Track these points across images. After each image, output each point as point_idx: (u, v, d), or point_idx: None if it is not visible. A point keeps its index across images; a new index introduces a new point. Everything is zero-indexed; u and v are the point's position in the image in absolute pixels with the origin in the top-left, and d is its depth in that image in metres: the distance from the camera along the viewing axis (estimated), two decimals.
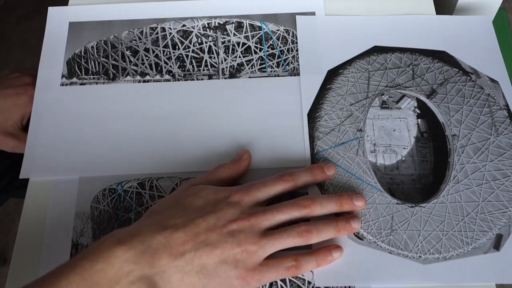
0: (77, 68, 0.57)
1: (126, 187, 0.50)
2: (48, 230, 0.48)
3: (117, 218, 0.49)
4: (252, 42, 0.58)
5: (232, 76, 0.56)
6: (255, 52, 0.57)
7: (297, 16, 0.59)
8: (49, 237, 0.48)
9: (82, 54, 0.58)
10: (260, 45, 0.58)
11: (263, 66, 0.56)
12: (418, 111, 0.54)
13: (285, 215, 0.45)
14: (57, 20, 0.60)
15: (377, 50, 0.57)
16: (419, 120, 0.54)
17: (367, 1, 0.61)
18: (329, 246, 0.46)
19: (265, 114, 0.54)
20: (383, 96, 0.55)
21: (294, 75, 0.56)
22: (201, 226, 0.42)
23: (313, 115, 0.53)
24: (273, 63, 0.57)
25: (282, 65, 0.57)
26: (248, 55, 0.57)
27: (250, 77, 0.56)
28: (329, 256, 0.45)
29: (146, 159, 0.51)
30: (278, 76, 0.56)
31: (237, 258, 0.42)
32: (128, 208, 0.49)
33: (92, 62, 0.57)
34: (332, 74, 0.55)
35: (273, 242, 0.43)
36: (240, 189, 0.46)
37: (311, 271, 0.46)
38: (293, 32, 0.58)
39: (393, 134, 0.53)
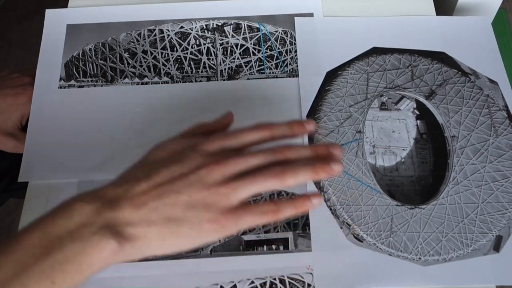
0: (75, 71, 0.57)
1: None
2: None
3: None
4: (251, 44, 0.58)
5: (230, 77, 0.56)
6: (254, 54, 0.57)
7: (295, 18, 0.59)
8: None
9: (80, 56, 0.58)
10: (259, 46, 0.58)
11: (262, 67, 0.56)
12: (417, 112, 0.54)
13: (259, 158, 0.41)
14: (55, 22, 0.60)
15: (376, 51, 0.56)
16: (418, 121, 0.54)
17: (367, 1, 0.60)
18: (308, 194, 0.42)
19: (264, 116, 0.53)
20: (382, 98, 0.55)
21: (293, 76, 0.56)
22: (164, 175, 0.40)
23: (312, 117, 0.53)
24: (271, 65, 0.57)
25: (281, 66, 0.56)
26: (246, 56, 0.57)
27: (248, 78, 0.56)
28: (308, 202, 0.42)
29: None
30: (276, 77, 0.56)
31: (207, 202, 0.39)
32: None
33: (90, 64, 0.57)
34: (331, 76, 0.55)
35: (246, 184, 0.40)
36: (210, 136, 0.43)
37: (311, 273, 0.46)
38: (291, 34, 0.58)
39: (392, 136, 0.53)
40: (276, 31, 0.59)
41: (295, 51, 0.57)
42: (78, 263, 0.37)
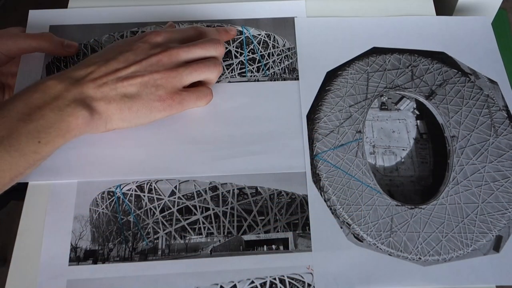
0: (56, 72, 0.56)
1: (125, 189, 0.50)
2: (47, 233, 0.48)
3: (116, 221, 0.49)
4: (233, 47, 0.58)
5: None
6: (236, 57, 0.57)
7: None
8: (48, 240, 0.48)
9: (62, 57, 0.57)
10: (241, 49, 0.58)
11: (243, 70, 0.56)
12: (417, 112, 0.54)
13: (202, 51, 0.51)
14: (38, 23, 0.59)
15: (376, 51, 0.56)
16: (418, 121, 0.54)
17: (366, 2, 0.60)
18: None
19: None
20: (382, 98, 0.55)
21: (274, 80, 0.56)
22: (120, 62, 0.48)
23: (312, 117, 0.53)
24: (253, 68, 0.56)
25: (262, 69, 0.56)
26: (228, 59, 0.57)
27: (229, 81, 0.55)
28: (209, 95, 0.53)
29: (143, 163, 0.51)
30: (258, 81, 0.56)
31: (158, 83, 0.48)
32: (127, 211, 0.49)
33: (72, 65, 0.56)
34: (331, 76, 0.55)
35: (190, 71, 0.49)
36: (156, 30, 0.52)
37: (311, 273, 0.46)
38: (274, 37, 0.58)
39: (392, 136, 0.53)
40: (259, 34, 0.59)
41: (278, 55, 0.57)
42: (58, 128, 0.44)
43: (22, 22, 0.60)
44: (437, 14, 0.60)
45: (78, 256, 0.47)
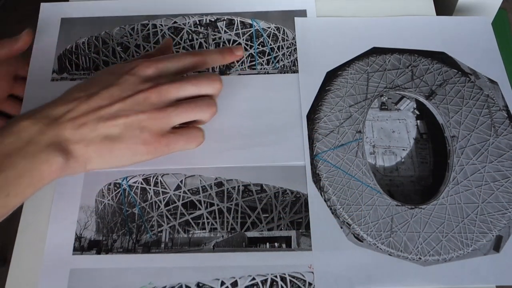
0: (68, 64, 0.57)
1: (131, 182, 0.50)
2: (53, 221, 0.48)
3: (121, 213, 0.49)
4: (243, 40, 0.58)
5: (222, 73, 0.56)
6: (246, 50, 0.57)
7: (295, 18, 0.59)
8: (53, 228, 0.48)
9: (73, 49, 0.58)
10: (251, 42, 0.58)
11: (253, 63, 0.57)
12: (417, 112, 0.54)
13: (195, 88, 0.46)
14: (49, 16, 0.60)
15: (376, 51, 0.56)
16: (418, 121, 0.54)
17: (367, 1, 0.61)
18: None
19: (264, 115, 0.54)
20: (382, 98, 0.55)
21: (284, 73, 0.56)
22: (104, 98, 0.43)
23: (312, 117, 0.53)
24: (263, 61, 0.57)
25: (272, 62, 0.57)
26: None
27: (239, 74, 0.56)
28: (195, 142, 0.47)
29: None
30: (268, 73, 0.56)
31: (143, 125, 0.43)
32: (133, 203, 0.50)
33: (83, 57, 0.57)
34: (331, 76, 0.55)
35: (180, 111, 0.44)
36: (147, 60, 0.46)
37: (312, 273, 0.46)
38: (283, 30, 0.59)
39: (392, 136, 0.53)
40: (269, 27, 0.59)
41: (287, 47, 0.57)
42: (30, 177, 0.40)
43: (22, 22, 0.60)
44: (437, 14, 0.60)
45: (82, 246, 0.47)
